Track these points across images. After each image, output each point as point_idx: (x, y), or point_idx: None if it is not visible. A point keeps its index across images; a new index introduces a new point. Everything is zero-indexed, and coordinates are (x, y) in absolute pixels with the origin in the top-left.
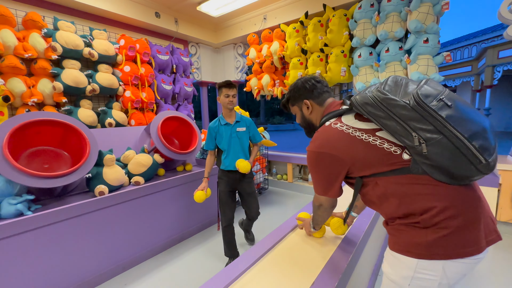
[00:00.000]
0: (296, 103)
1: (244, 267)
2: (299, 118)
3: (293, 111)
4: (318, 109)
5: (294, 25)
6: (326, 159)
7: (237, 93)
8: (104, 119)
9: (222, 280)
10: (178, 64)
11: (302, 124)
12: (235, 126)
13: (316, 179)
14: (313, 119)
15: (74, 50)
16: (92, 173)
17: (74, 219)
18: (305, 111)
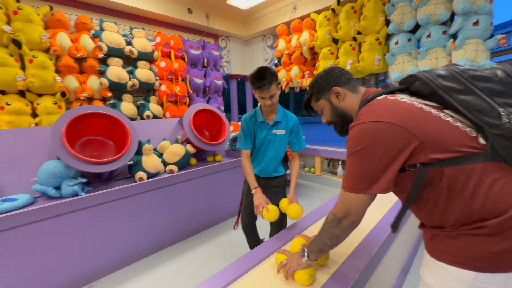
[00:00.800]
0: (322, 95)
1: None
2: (328, 112)
3: (319, 107)
4: (352, 96)
5: (325, 13)
6: (388, 131)
7: (277, 87)
8: (142, 112)
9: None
10: (209, 58)
11: (332, 119)
12: (273, 127)
13: (361, 164)
14: (347, 108)
15: (117, 49)
16: (133, 160)
17: (119, 201)
18: (335, 101)
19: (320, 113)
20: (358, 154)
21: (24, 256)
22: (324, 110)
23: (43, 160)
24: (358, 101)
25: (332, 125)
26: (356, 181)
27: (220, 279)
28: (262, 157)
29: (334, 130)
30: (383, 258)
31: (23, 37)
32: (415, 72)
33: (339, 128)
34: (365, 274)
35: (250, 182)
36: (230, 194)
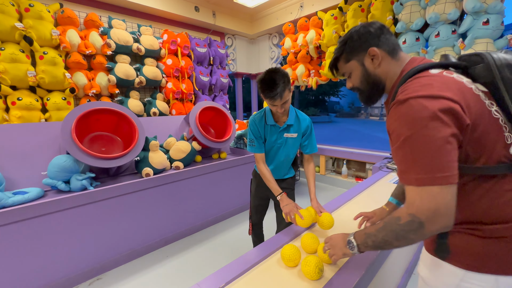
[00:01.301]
0: (353, 56)
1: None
2: (357, 77)
3: (347, 70)
4: (390, 62)
5: (332, 12)
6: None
7: (289, 93)
8: (149, 109)
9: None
10: (215, 56)
11: (361, 86)
12: (285, 130)
13: (433, 145)
14: (381, 75)
15: (125, 46)
16: (140, 156)
17: (126, 195)
18: (369, 65)
19: (346, 76)
20: (423, 134)
21: (34, 248)
22: (352, 74)
23: (53, 154)
24: (398, 69)
25: (356, 91)
26: (433, 168)
27: (225, 274)
28: (272, 160)
29: (358, 96)
30: (388, 257)
31: (34, 34)
32: (483, 52)
33: (365, 96)
34: (370, 272)
35: (273, 189)
36: (235, 191)
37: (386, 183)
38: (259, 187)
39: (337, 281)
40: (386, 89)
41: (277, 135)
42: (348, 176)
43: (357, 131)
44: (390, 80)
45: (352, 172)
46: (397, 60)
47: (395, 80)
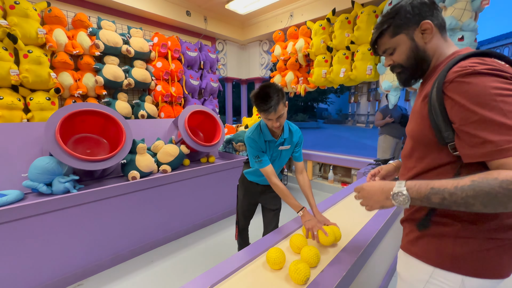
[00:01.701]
0: (403, 29)
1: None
2: (404, 53)
3: (392, 45)
4: (440, 40)
5: (321, 22)
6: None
7: (284, 107)
8: (137, 111)
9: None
10: (206, 61)
11: (407, 62)
12: (279, 143)
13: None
14: (430, 52)
15: (114, 47)
16: (126, 159)
17: (111, 199)
18: (419, 39)
19: (388, 53)
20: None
21: (12, 253)
22: (398, 49)
23: (35, 156)
24: (447, 50)
25: (397, 70)
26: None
27: (211, 276)
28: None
29: (398, 76)
30: (369, 259)
31: (18, 32)
32: None
33: (408, 74)
34: (351, 273)
35: (294, 205)
36: (223, 196)
37: None
38: (248, 193)
39: (320, 282)
40: (430, 68)
41: (273, 150)
42: (334, 181)
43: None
44: (436, 59)
45: (338, 177)
46: (446, 40)
47: (441, 60)
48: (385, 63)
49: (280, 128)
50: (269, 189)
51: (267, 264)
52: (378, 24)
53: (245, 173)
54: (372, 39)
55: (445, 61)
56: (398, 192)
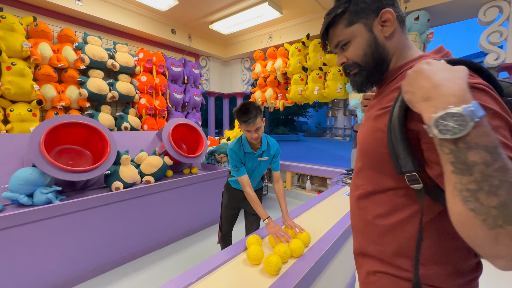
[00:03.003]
0: (360, 18)
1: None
2: (360, 47)
3: (346, 36)
4: (402, 36)
5: (297, 45)
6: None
7: (262, 121)
8: (120, 123)
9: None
10: (189, 76)
11: (363, 60)
12: (257, 154)
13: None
14: (390, 50)
15: (99, 61)
16: (110, 170)
17: (94, 209)
18: (379, 32)
19: (340, 46)
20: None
21: None
22: (352, 43)
23: (14, 167)
24: (410, 51)
25: (352, 71)
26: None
27: (197, 270)
28: (250, 178)
29: (352, 79)
30: (329, 264)
31: (3, 45)
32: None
33: (365, 77)
34: (318, 266)
35: (261, 213)
36: (205, 205)
37: (340, 195)
38: (232, 198)
39: (290, 272)
40: (388, 71)
41: (252, 161)
42: (312, 190)
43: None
44: (396, 61)
45: (315, 187)
46: (407, 39)
47: (402, 62)
48: (337, 61)
49: (258, 139)
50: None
51: (248, 260)
52: (330, 9)
53: (229, 180)
54: (322, 28)
55: (408, 65)
56: (466, 109)
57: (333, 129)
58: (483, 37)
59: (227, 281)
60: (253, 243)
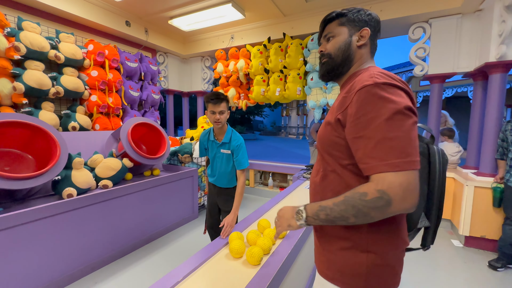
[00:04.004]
0: (349, 24)
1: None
2: (337, 43)
3: (332, 31)
4: (367, 54)
5: (259, 47)
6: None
7: (226, 108)
8: (67, 123)
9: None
10: (147, 72)
11: (336, 51)
12: (220, 146)
13: (405, 127)
14: (355, 56)
15: (39, 52)
16: (61, 175)
17: (41, 221)
18: (355, 40)
19: (327, 37)
20: (400, 117)
21: None
22: (335, 38)
23: None
24: (367, 63)
25: (324, 59)
26: (410, 152)
27: (182, 269)
28: (215, 169)
29: (321, 66)
30: (305, 242)
31: None
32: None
33: (331, 66)
34: (294, 252)
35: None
36: (170, 208)
37: (303, 189)
38: (210, 192)
39: (269, 263)
40: (348, 72)
41: (216, 150)
42: (274, 187)
43: (278, 148)
44: (356, 67)
45: (276, 183)
46: (371, 59)
47: (359, 69)
48: (320, 48)
49: (220, 124)
50: (223, 192)
51: (230, 254)
52: (339, 10)
53: (207, 175)
54: (323, 20)
55: (360, 72)
56: (298, 210)
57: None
58: (412, 51)
59: (215, 274)
60: (235, 238)
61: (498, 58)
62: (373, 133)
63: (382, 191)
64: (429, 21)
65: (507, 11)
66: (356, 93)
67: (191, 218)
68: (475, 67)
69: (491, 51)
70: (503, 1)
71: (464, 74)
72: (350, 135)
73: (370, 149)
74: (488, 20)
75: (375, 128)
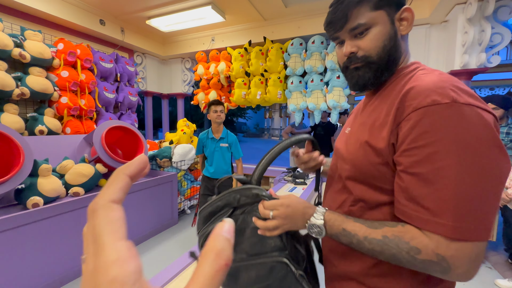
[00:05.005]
0: (386, 5)
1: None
2: (381, 36)
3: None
4: (407, 42)
5: (239, 50)
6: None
7: (224, 109)
8: (33, 126)
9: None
10: (123, 73)
11: (380, 49)
12: (219, 141)
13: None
14: (401, 49)
15: (1, 50)
16: (25, 183)
17: (3, 233)
18: (397, 28)
19: (358, 31)
20: (479, 164)
21: None
22: (372, 30)
23: None
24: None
25: (356, 64)
26: (485, 218)
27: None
28: (213, 161)
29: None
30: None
31: None
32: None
33: (374, 71)
34: None
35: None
36: (148, 214)
37: (284, 192)
38: (207, 186)
39: None
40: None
41: (215, 145)
42: None
43: (262, 150)
44: (403, 61)
45: None
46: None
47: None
48: (345, 49)
49: (221, 120)
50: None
51: None
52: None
53: (203, 171)
54: (343, 5)
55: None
56: (314, 225)
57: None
58: None
59: None
60: None
61: (462, 67)
62: (446, 181)
63: (442, 257)
64: None
65: (469, 23)
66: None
67: (171, 224)
68: None
69: (456, 59)
70: (465, 14)
71: None
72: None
73: (435, 199)
74: (453, 31)
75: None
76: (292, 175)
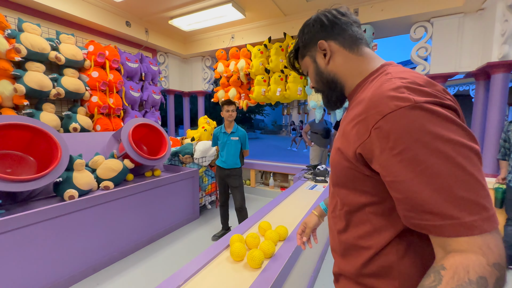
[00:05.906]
0: (307, 51)
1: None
2: (312, 75)
3: (304, 67)
4: (348, 57)
5: (259, 47)
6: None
7: (235, 108)
8: (68, 124)
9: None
10: (147, 72)
11: (317, 85)
12: (230, 135)
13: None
14: (336, 73)
15: (40, 53)
16: (62, 177)
17: (42, 223)
18: (321, 61)
19: (304, 73)
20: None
21: None
22: (308, 73)
23: None
24: (363, 66)
25: (319, 93)
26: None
27: (185, 272)
28: (224, 152)
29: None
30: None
31: None
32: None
33: (325, 98)
34: (292, 259)
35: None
36: (171, 209)
37: (304, 189)
38: (220, 175)
39: (270, 266)
40: (347, 89)
41: (227, 138)
42: (275, 186)
43: (279, 147)
44: (352, 78)
45: (277, 183)
46: (360, 55)
47: (360, 80)
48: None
49: (231, 118)
50: (231, 172)
51: (231, 257)
52: (292, 47)
53: (216, 162)
54: (288, 61)
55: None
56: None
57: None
58: (414, 51)
59: (216, 278)
60: (236, 241)
61: (500, 58)
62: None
63: (498, 264)
64: (430, 21)
65: (510, 10)
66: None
67: (192, 218)
68: (477, 67)
69: (494, 50)
70: (506, 1)
71: (466, 73)
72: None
73: (443, 201)
74: (490, 20)
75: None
76: (312, 173)
